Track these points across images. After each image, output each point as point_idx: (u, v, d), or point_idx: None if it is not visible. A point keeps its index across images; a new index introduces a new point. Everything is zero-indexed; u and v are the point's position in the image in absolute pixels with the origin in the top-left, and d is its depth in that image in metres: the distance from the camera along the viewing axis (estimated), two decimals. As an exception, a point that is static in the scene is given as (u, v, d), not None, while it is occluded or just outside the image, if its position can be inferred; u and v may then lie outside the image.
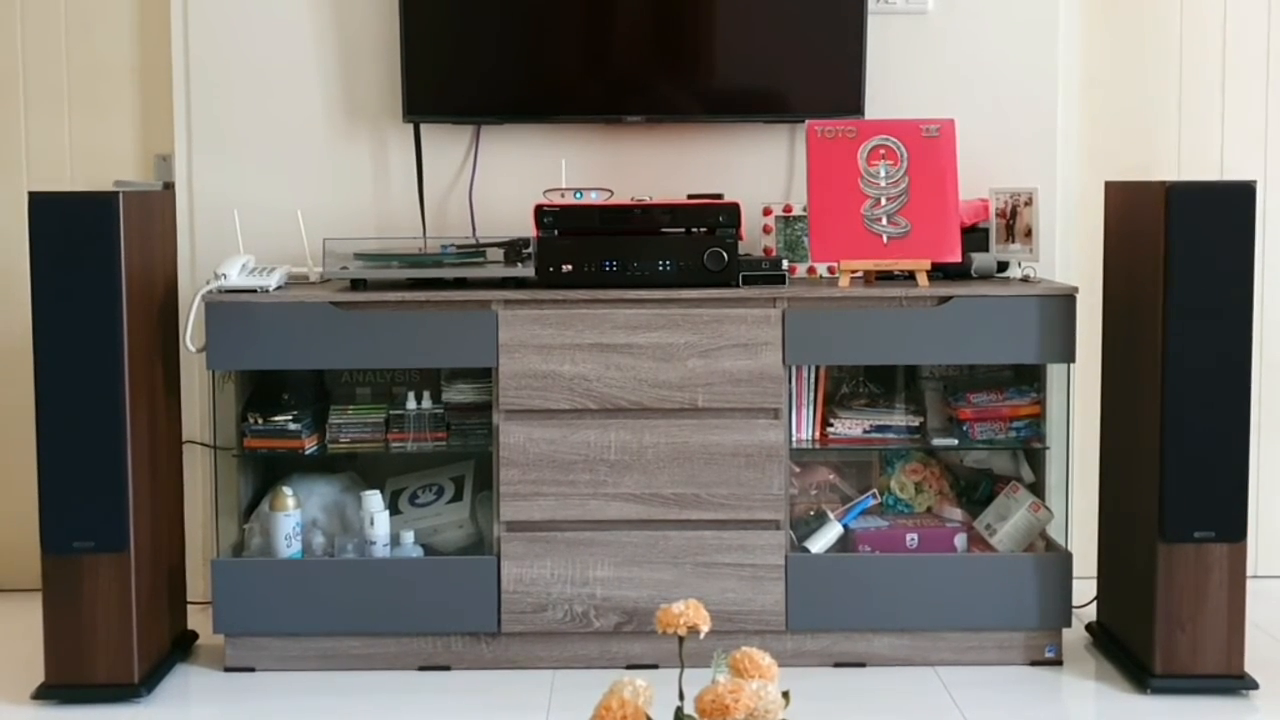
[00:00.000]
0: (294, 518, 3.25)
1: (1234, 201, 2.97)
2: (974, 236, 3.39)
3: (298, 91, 3.59)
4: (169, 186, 3.61)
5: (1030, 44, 3.59)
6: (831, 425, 3.35)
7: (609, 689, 1.98)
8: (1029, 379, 3.35)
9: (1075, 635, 3.38)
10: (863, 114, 3.47)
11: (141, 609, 3.07)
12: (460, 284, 3.26)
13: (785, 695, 1.96)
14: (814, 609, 3.21)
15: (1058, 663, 3.25)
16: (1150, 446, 3.05)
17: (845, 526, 3.33)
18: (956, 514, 3.38)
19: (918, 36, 3.58)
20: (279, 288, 3.23)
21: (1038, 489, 3.36)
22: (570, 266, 3.18)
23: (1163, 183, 2.99)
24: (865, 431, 3.35)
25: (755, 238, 3.50)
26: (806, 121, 3.32)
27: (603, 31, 3.56)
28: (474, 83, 3.51)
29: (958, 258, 3.27)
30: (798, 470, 3.42)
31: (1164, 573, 3.04)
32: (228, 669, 3.24)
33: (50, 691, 3.04)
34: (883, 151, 3.27)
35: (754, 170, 3.59)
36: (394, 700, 3.08)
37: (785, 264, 3.25)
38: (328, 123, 3.60)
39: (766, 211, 3.52)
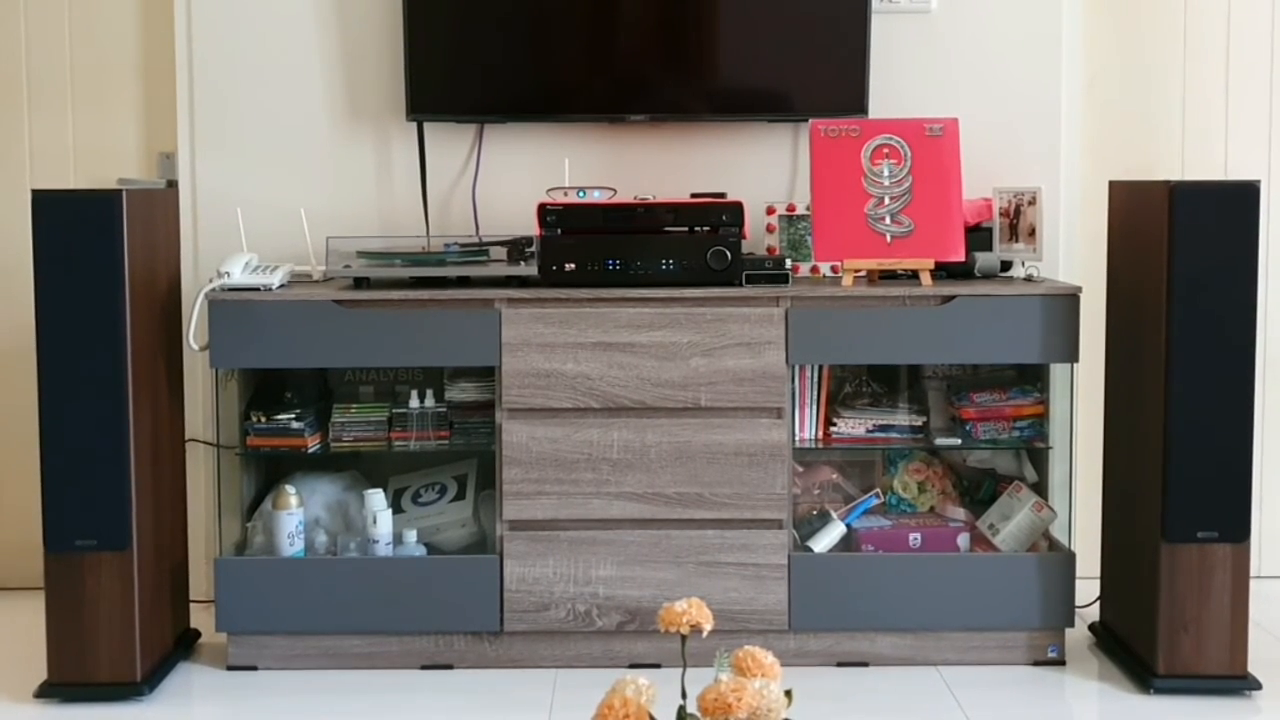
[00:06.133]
0: (297, 516, 3.25)
1: (1238, 201, 2.97)
2: (977, 236, 3.38)
3: (301, 90, 3.59)
4: (172, 184, 3.62)
5: (1034, 43, 3.59)
6: (834, 424, 3.35)
7: (611, 688, 1.98)
8: (1032, 379, 3.35)
9: (1078, 635, 3.38)
10: (866, 113, 3.47)
11: (144, 607, 3.07)
12: (463, 283, 3.26)
13: (788, 694, 1.96)
14: (817, 608, 3.21)
15: (1060, 663, 3.25)
16: (1153, 446, 3.05)
17: (848, 526, 3.33)
18: (959, 513, 3.38)
19: (921, 36, 3.58)
20: (282, 286, 3.23)
21: (1041, 489, 3.36)
22: (573, 265, 3.18)
23: (1166, 182, 2.99)
24: (868, 431, 3.35)
25: (758, 237, 3.49)
26: (810, 120, 3.32)
27: (606, 31, 3.56)
28: (477, 81, 3.51)
29: (961, 257, 3.26)
30: (800, 469, 3.42)
31: (1167, 573, 3.04)
32: (230, 667, 3.24)
33: (52, 690, 3.04)
34: (886, 150, 3.27)
35: (757, 169, 3.59)
36: (396, 699, 3.08)
37: (788, 263, 3.25)
38: (331, 121, 3.60)
39: (770, 210, 3.52)
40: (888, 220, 3.26)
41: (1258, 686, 3.05)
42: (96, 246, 2.95)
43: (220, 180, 3.60)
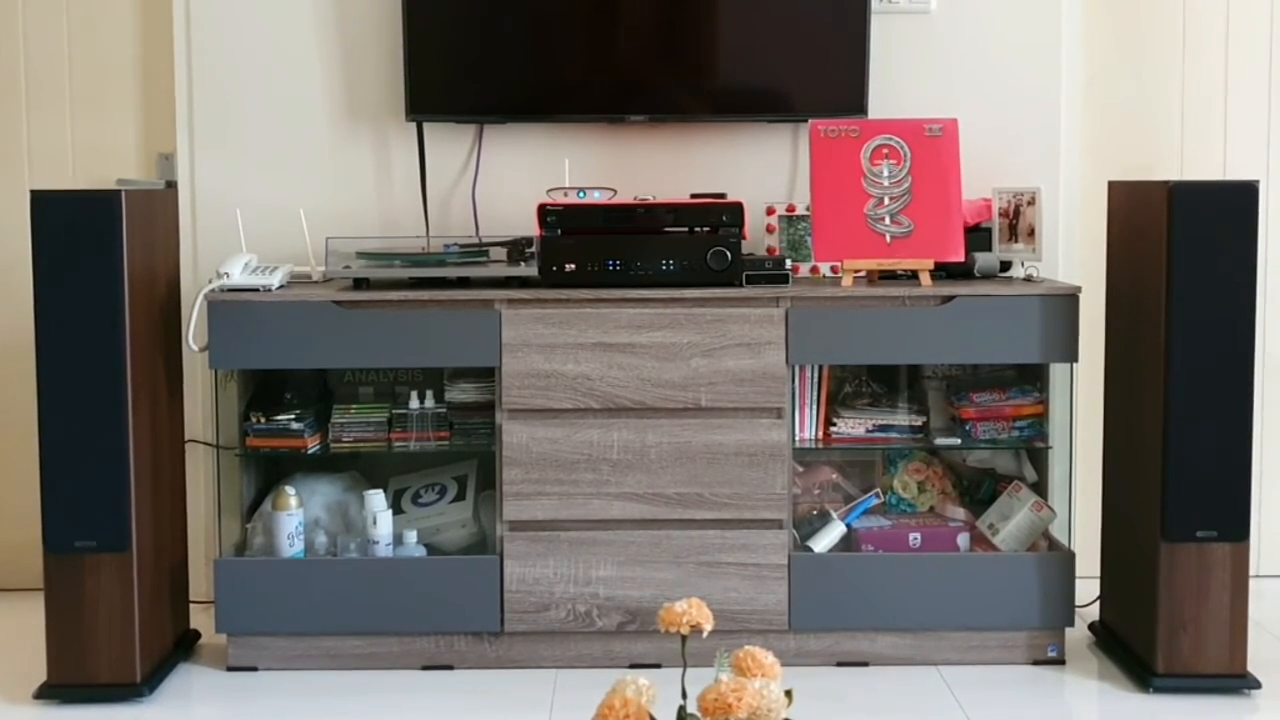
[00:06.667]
0: (296, 517, 3.25)
1: (1237, 201, 2.97)
2: (977, 236, 3.39)
3: (301, 90, 3.59)
4: (171, 185, 3.62)
5: (1033, 43, 3.59)
6: (834, 424, 3.35)
7: (612, 688, 1.98)
8: (1032, 378, 3.35)
9: (1078, 635, 3.38)
10: (866, 113, 3.47)
11: (144, 608, 3.06)
12: (463, 283, 3.26)
13: (788, 694, 1.96)
14: (817, 608, 3.21)
15: (1060, 662, 3.25)
16: (1153, 446, 3.05)
17: (848, 526, 3.33)
18: (959, 513, 3.38)
19: (921, 36, 3.58)
20: (281, 287, 3.23)
21: (1040, 488, 3.36)
22: (573, 266, 3.18)
23: (1165, 182, 2.99)
24: (868, 431, 3.35)
25: (758, 237, 3.49)
26: (810, 121, 3.32)
27: (606, 31, 3.56)
28: (477, 82, 3.51)
29: (961, 257, 3.27)
30: (801, 470, 3.42)
31: (1166, 572, 3.04)
32: (230, 668, 3.24)
33: (52, 691, 3.04)
34: (886, 151, 3.27)
35: (757, 170, 3.59)
36: (396, 700, 3.08)
37: (788, 263, 3.25)
38: (330, 121, 3.60)
39: (770, 211, 3.52)
40: (887, 220, 3.26)
41: (1257, 685, 3.05)
42: (96, 247, 2.95)
43: (219, 181, 3.59)
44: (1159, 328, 3.00)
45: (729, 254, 3.18)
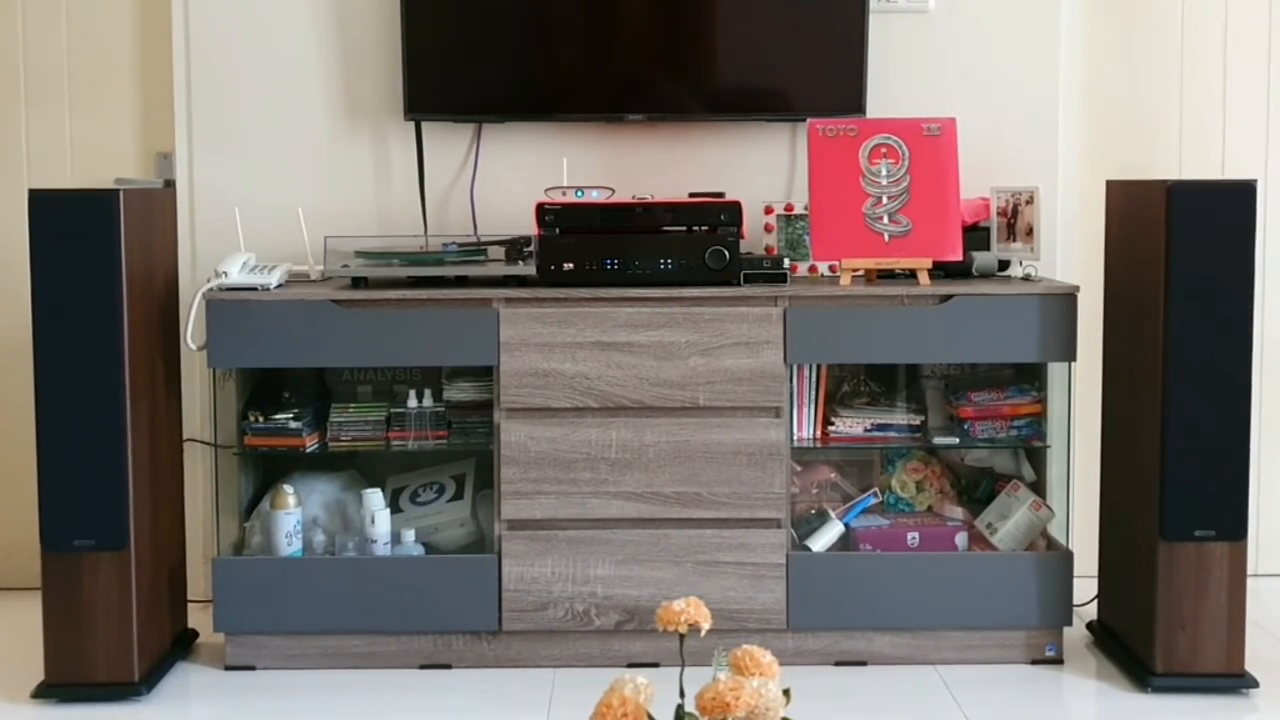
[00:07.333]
0: (295, 516, 3.25)
1: (1235, 200, 2.97)
2: (975, 235, 3.39)
3: (299, 89, 3.59)
4: (170, 184, 3.62)
5: (1032, 43, 3.59)
6: (833, 424, 3.35)
7: (610, 687, 1.98)
8: (1030, 378, 3.35)
9: (1076, 634, 3.38)
10: (864, 113, 3.47)
11: (142, 607, 3.06)
12: (461, 282, 3.26)
13: (786, 693, 1.96)
14: (815, 607, 3.21)
15: (1058, 661, 3.25)
16: (1151, 445, 3.05)
17: (846, 525, 3.33)
18: (957, 513, 3.38)
19: (919, 35, 3.58)
20: (280, 286, 3.23)
21: (1039, 488, 3.36)
22: (571, 265, 3.18)
23: (1164, 182, 3.00)
24: (866, 430, 3.35)
25: (757, 236, 3.50)
26: (808, 120, 3.32)
27: (604, 30, 3.56)
28: (475, 81, 3.51)
29: (959, 256, 3.27)
30: (799, 469, 3.42)
31: (1164, 571, 3.04)
32: (228, 667, 3.24)
33: (50, 690, 3.04)
34: (884, 150, 3.27)
35: (755, 169, 3.59)
36: (395, 699, 3.08)
37: (787, 262, 3.25)
38: (329, 120, 3.60)
39: (768, 210, 3.52)
40: (886, 220, 3.26)
41: (1255, 685, 3.05)
42: (94, 246, 2.95)
43: (218, 180, 3.59)
44: (1157, 327, 3.01)
45: (727, 253, 3.18)
